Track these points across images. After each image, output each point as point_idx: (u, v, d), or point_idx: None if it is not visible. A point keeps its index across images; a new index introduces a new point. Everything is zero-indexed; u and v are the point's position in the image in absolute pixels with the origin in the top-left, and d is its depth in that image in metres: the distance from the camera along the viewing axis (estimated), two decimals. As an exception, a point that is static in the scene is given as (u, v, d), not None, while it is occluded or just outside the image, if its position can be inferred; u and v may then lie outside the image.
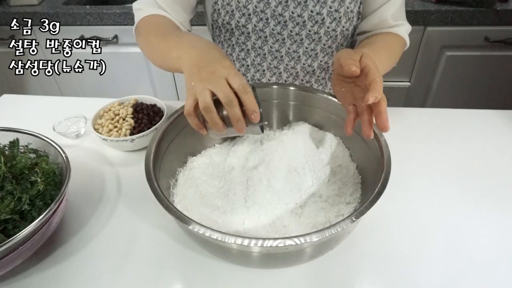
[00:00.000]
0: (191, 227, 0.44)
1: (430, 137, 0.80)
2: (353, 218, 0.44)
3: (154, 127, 0.75)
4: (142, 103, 0.82)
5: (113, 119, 0.78)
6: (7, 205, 0.52)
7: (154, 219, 0.63)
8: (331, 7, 0.74)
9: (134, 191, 0.69)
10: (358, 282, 0.55)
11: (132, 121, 0.77)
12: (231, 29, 0.80)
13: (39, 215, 0.51)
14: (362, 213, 0.45)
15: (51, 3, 1.50)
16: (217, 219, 0.56)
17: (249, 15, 0.76)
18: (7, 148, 0.61)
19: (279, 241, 0.42)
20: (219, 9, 0.77)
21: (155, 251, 0.59)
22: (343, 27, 0.79)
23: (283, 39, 0.80)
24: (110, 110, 0.79)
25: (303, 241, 0.42)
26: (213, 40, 0.89)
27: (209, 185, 0.61)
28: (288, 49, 0.82)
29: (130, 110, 0.79)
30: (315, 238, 0.42)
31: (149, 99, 0.84)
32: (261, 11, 0.75)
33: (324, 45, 0.82)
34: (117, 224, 0.63)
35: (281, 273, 0.55)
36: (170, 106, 0.80)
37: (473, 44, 1.39)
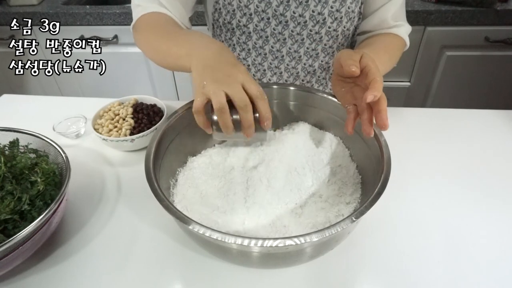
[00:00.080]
0: (191, 227, 0.44)
1: (430, 137, 0.80)
2: (353, 218, 0.44)
3: (154, 127, 0.75)
4: (142, 103, 0.82)
5: (113, 119, 0.78)
6: (7, 205, 0.52)
7: (154, 219, 0.63)
8: (332, 7, 0.74)
9: (134, 191, 0.69)
10: (358, 282, 0.55)
11: (132, 121, 0.77)
12: (232, 29, 0.80)
13: (39, 215, 0.51)
14: (362, 213, 0.45)
15: (51, 3, 1.50)
16: (217, 219, 0.56)
17: (250, 14, 0.76)
18: (7, 148, 0.61)
19: (279, 241, 0.42)
20: (220, 9, 0.77)
21: (155, 251, 0.59)
22: (344, 27, 0.79)
23: (284, 39, 0.80)
24: (110, 110, 0.79)
25: (303, 241, 0.42)
26: (213, 40, 0.89)
27: (209, 185, 0.61)
28: (289, 49, 0.82)
29: (130, 110, 0.79)
30: (315, 238, 0.42)
31: (149, 99, 0.84)
32: (263, 11, 0.75)
33: (325, 45, 0.82)
34: (117, 224, 0.63)
35: (281, 273, 0.55)
36: (170, 106, 0.80)
37: (473, 44, 1.39)
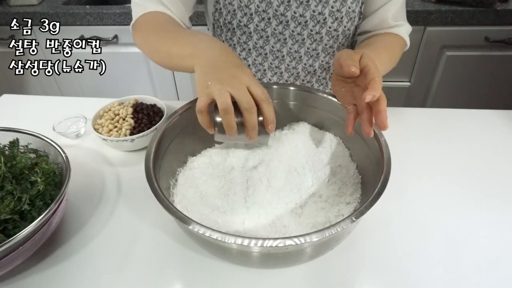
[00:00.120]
0: (191, 227, 0.44)
1: (430, 137, 0.80)
2: (353, 218, 0.44)
3: (154, 127, 0.75)
4: (142, 103, 0.82)
5: (113, 119, 0.78)
6: (7, 205, 0.52)
7: (154, 219, 0.63)
8: (333, 7, 0.74)
9: (134, 191, 0.69)
10: (358, 282, 0.55)
11: (132, 121, 0.77)
12: (233, 29, 0.80)
13: (39, 215, 0.51)
14: (362, 213, 0.45)
15: (51, 3, 1.50)
16: (217, 219, 0.56)
17: (251, 14, 0.76)
18: (7, 148, 0.61)
19: (279, 241, 0.42)
20: (220, 9, 0.77)
21: (155, 251, 0.59)
22: (345, 27, 0.79)
23: (285, 39, 0.80)
24: (110, 110, 0.79)
25: (303, 241, 0.42)
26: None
27: (209, 185, 0.61)
28: (289, 49, 0.82)
29: (130, 110, 0.79)
30: (315, 238, 0.42)
31: (149, 99, 0.84)
32: (263, 11, 0.75)
33: (325, 45, 0.82)
34: (117, 224, 0.63)
35: (281, 273, 0.55)
36: (170, 106, 0.80)
37: (473, 44, 1.39)
